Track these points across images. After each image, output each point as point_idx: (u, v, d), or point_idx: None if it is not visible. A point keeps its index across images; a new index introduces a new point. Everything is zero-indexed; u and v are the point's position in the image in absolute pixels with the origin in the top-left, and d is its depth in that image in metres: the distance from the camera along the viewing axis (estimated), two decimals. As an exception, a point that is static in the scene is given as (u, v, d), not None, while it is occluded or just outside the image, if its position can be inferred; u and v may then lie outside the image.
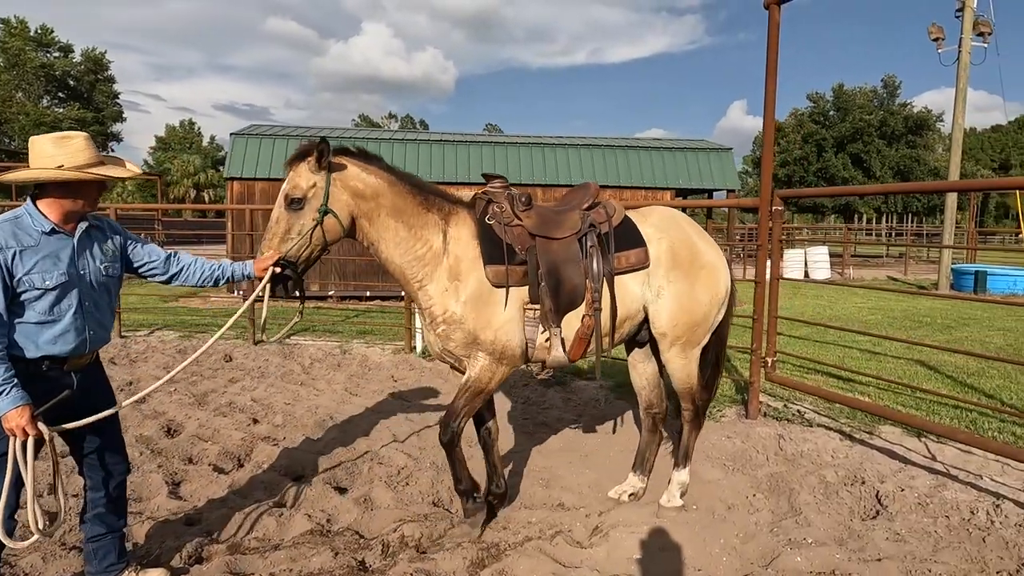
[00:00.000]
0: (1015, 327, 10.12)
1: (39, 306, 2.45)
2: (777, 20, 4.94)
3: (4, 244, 2.38)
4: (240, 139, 13.87)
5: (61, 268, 2.49)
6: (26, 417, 2.34)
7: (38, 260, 2.43)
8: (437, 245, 3.26)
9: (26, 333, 2.45)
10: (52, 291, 2.46)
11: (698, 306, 3.59)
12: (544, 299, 3.28)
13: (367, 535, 3.49)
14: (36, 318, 2.45)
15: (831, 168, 42.75)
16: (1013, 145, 63.13)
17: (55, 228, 2.50)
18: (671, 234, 3.61)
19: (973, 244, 22.30)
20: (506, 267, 3.22)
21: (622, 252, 3.46)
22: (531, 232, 3.33)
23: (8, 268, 2.38)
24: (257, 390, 6.22)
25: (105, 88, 55.73)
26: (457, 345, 3.29)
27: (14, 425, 2.33)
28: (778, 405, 5.67)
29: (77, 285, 2.55)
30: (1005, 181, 5.45)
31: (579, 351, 3.42)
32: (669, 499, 3.77)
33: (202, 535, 3.40)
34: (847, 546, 3.31)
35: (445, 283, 3.24)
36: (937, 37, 18.25)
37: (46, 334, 2.47)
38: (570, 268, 3.35)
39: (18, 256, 2.40)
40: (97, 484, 2.81)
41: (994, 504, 3.71)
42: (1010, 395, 6.11)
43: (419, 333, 8.07)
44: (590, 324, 3.37)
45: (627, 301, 3.50)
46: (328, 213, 3.04)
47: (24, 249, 2.41)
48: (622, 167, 14.80)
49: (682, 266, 3.57)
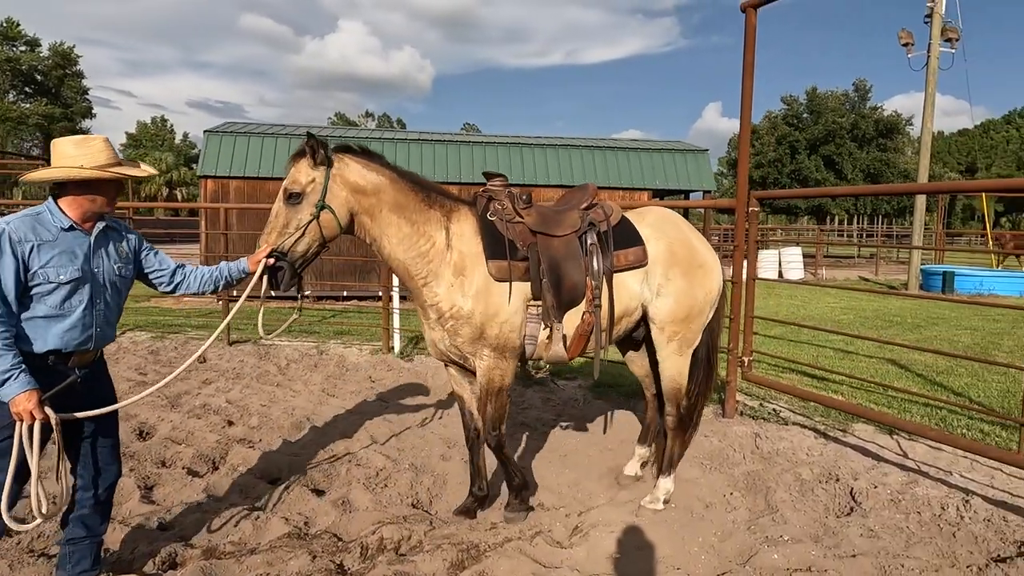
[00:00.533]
0: (982, 326, 10.37)
1: (51, 300, 2.52)
2: (754, 23, 5.00)
3: (23, 238, 2.46)
4: (214, 137, 13.66)
5: (76, 264, 2.56)
6: (34, 401, 2.40)
7: (54, 255, 2.51)
8: (440, 241, 3.31)
9: (35, 327, 2.51)
10: (65, 286, 2.53)
11: (695, 303, 3.71)
12: (546, 295, 3.36)
13: (345, 538, 3.45)
14: (46, 312, 2.52)
15: (804, 170, 43.38)
16: (979, 148, 64.73)
17: (73, 225, 2.58)
18: (669, 234, 3.72)
19: (941, 245, 22.80)
20: (508, 262, 3.29)
21: (621, 251, 3.55)
22: (532, 229, 3.41)
23: (25, 261, 2.45)
24: (232, 391, 6.13)
25: (74, 83, 54.60)
26: (464, 341, 3.34)
27: (22, 409, 2.39)
28: (754, 404, 5.74)
29: (90, 282, 2.62)
30: (972, 184, 5.57)
31: (578, 348, 3.51)
32: (652, 501, 3.80)
33: (176, 540, 3.33)
34: (823, 543, 3.36)
35: (451, 279, 3.29)
36: (907, 42, 18.65)
37: (55, 328, 2.54)
38: (571, 265, 3.43)
39: (35, 250, 2.47)
40: (87, 484, 2.81)
41: (963, 500, 3.79)
42: (978, 393, 6.25)
43: (396, 333, 8.02)
44: (590, 321, 3.45)
45: (625, 299, 3.59)
46: (325, 208, 3.08)
47: (42, 243, 2.49)
48: (600, 167, 14.86)
49: (680, 265, 3.67)
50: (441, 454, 4.58)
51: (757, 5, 4.96)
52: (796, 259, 21.33)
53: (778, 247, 21.62)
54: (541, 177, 14.55)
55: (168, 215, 50.93)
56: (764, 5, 4.95)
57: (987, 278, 16.33)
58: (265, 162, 13.47)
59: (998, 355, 8.06)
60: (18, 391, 2.38)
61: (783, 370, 7.09)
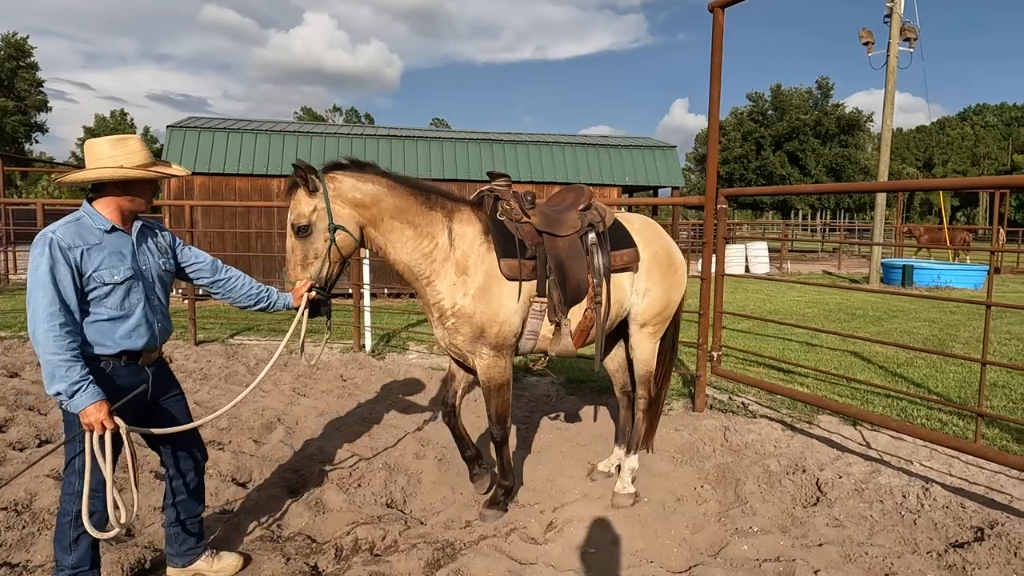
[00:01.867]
0: (940, 318, 10.70)
1: (110, 302, 2.57)
2: (721, 23, 5.06)
3: (72, 243, 2.47)
4: (177, 132, 13.36)
5: (126, 264, 2.61)
6: (104, 412, 2.43)
7: (104, 257, 2.55)
8: (443, 242, 3.38)
9: (102, 330, 2.56)
10: (120, 286, 2.58)
11: (671, 301, 4.03)
12: (553, 292, 3.52)
13: (320, 539, 3.43)
14: (109, 314, 2.56)
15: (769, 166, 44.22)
16: (936, 145, 66.63)
17: (115, 227, 2.61)
18: (654, 242, 3.98)
19: (901, 240, 23.43)
20: (519, 261, 3.42)
21: (617, 251, 3.77)
22: (538, 229, 3.54)
23: (78, 265, 2.47)
24: (199, 393, 6.02)
25: (28, 76, 52.79)
26: (464, 339, 3.44)
27: (93, 420, 2.41)
28: (723, 398, 5.84)
29: (141, 280, 2.68)
30: (926, 183, 5.73)
31: (579, 342, 3.69)
32: (623, 486, 3.87)
33: (144, 546, 3.27)
34: (790, 533, 3.44)
35: (453, 278, 3.38)
36: (867, 41, 19.09)
37: (121, 329, 2.60)
38: (575, 263, 3.60)
39: (86, 254, 2.50)
40: (176, 473, 2.97)
41: (924, 488, 3.92)
42: (936, 383, 6.46)
43: (368, 331, 7.97)
44: (591, 316, 3.65)
45: (619, 296, 3.81)
46: (338, 229, 3.13)
47: (90, 247, 2.52)
48: (569, 163, 14.92)
49: (661, 269, 3.96)
50: (415, 452, 4.57)
51: (724, 5, 5.03)
52: (762, 254, 21.74)
53: (744, 242, 21.99)
54: (512, 173, 14.51)
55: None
56: (732, 5, 5.02)
57: (944, 271, 16.87)
58: (230, 158, 13.22)
59: (955, 346, 8.33)
60: (88, 402, 2.40)
61: (750, 363, 7.23)
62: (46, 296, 2.39)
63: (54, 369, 2.38)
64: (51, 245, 2.43)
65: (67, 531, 2.66)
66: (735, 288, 15.18)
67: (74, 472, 2.62)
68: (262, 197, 13.13)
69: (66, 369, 2.38)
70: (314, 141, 14.08)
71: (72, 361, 2.39)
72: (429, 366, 7.05)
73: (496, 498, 3.73)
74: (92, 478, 2.50)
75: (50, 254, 2.42)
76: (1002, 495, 3.86)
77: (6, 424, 5.08)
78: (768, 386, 5.27)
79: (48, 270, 2.41)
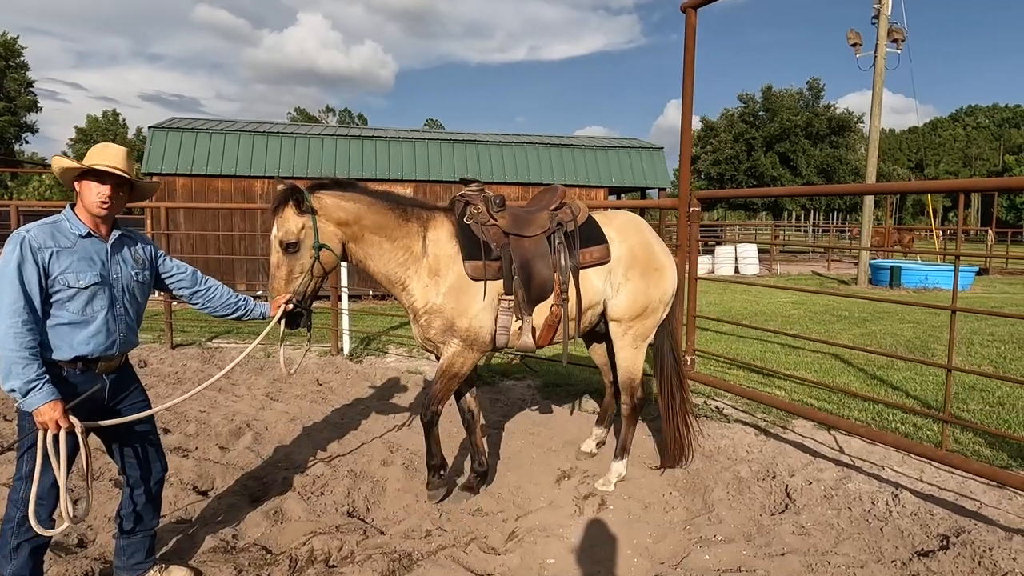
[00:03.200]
0: (924, 320, 10.69)
1: (72, 306, 2.58)
2: (693, 23, 5.02)
3: (43, 244, 2.53)
4: (159, 133, 13.25)
5: (95, 270, 2.64)
6: (59, 411, 2.45)
7: (73, 260, 2.58)
8: (417, 249, 3.61)
9: (60, 334, 2.57)
10: (85, 290, 2.60)
11: (649, 302, 4.03)
12: (517, 291, 3.66)
13: (275, 550, 3.36)
14: (69, 318, 2.58)
15: (760, 167, 44.27)
16: (927, 146, 66.90)
17: (90, 232, 2.66)
18: (632, 238, 4.02)
19: (889, 242, 23.47)
20: (483, 262, 3.59)
21: (586, 248, 3.85)
22: (505, 231, 3.70)
23: (45, 267, 2.52)
24: (171, 397, 5.94)
25: (17, 76, 52.41)
26: (436, 332, 3.65)
27: (47, 419, 2.43)
28: (698, 401, 5.79)
29: (109, 287, 2.69)
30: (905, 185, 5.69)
31: (547, 337, 3.83)
32: (605, 484, 4.06)
33: (94, 558, 3.19)
34: (754, 541, 3.39)
35: (426, 279, 3.60)
36: (855, 43, 19.12)
37: (80, 335, 2.60)
38: (540, 263, 3.73)
39: (55, 256, 2.54)
40: (136, 482, 2.95)
41: (893, 494, 3.87)
42: (915, 387, 6.43)
43: (346, 335, 7.89)
44: (558, 313, 3.77)
45: (590, 293, 3.89)
46: (323, 248, 3.33)
47: (61, 250, 2.57)
48: (556, 165, 14.88)
49: (639, 266, 3.98)
50: (382, 459, 4.51)
51: (697, 5, 4.99)
52: (752, 255, 21.76)
53: (735, 243, 21.99)
54: (498, 175, 14.49)
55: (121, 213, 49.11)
56: (704, 5, 4.98)
57: (932, 272, 16.89)
58: (213, 159, 13.12)
59: (937, 347, 8.31)
60: (42, 401, 2.42)
61: (730, 367, 7.18)
62: (11, 293, 2.43)
63: (11, 365, 2.40)
64: (23, 244, 2.49)
65: (8, 539, 2.62)
66: (723, 289, 15.16)
67: (22, 478, 2.59)
68: (245, 199, 13.04)
69: (23, 366, 2.40)
70: (298, 142, 13.99)
71: (30, 359, 2.41)
72: (407, 370, 6.98)
73: (434, 480, 3.89)
74: (43, 480, 2.48)
75: (20, 252, 2.47)
76: (971, 501, 3.82)
77: (-32, 431, 4.99)
78: (741, 391, 5.22)
79: (16, 267, 2.45)
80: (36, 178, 50.59)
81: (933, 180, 51.65)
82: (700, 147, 46.77)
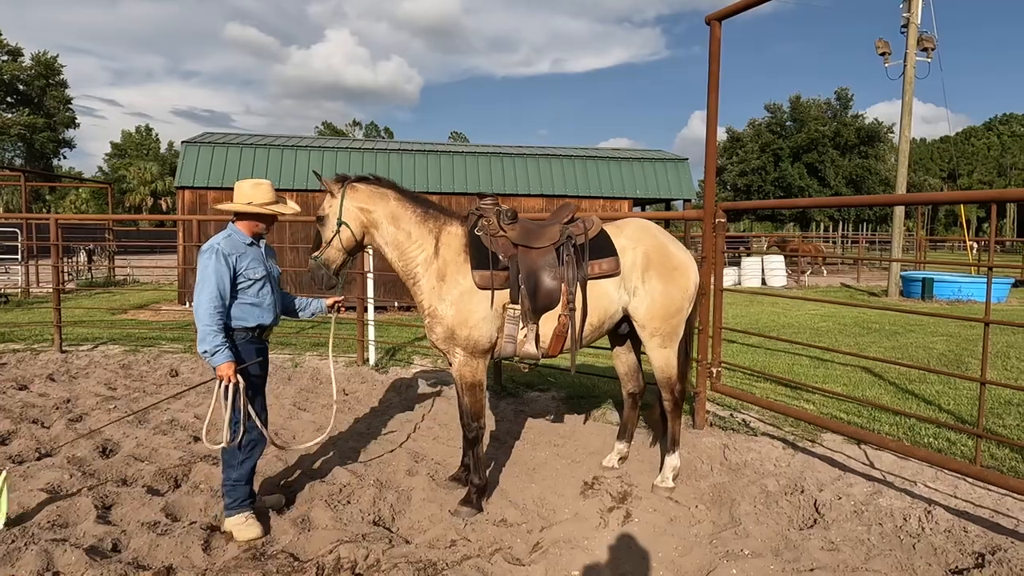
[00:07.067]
0: (957, 332, 10.45)
1: (251, 291, 3.60)
2: (718, 35, 5.03)
3: (230, 251, 3.53)
4: (192, 147, 13.57)
5: (262, 267, 3.65)
6: (232, 369, 3.43)
7: (248, 261, 3.59)
8: (430, 250, 3.86)
9: (246, 310, 3.60)
10: (258, 281, 3.62)
11: (672, 302, 4.10)
12: (523, 300, 3.81)
13: (303, 557, 3.40)
14: (251, 300, 3.61)
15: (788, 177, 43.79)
16: (960, 155, 65.52)
17: (252, 242, 3.67)
18: (645, 242, 4.11)
19: (922, 253, 22.99)
20: (491, 272, 3.77)
21: (595, 260, 3.97)
22: (514, 242, 3.87)
23: (234, 266, 3.52)
24: (202, 406, 6.05)
25: (57, 93, 54.18)
26: (438, 338, 3.87)
27: (223, 373, 3.42)
28: (725, 414, 5.73)
29: (270, 278, 3.71)
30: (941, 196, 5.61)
31: (557, 347, 3.94)
32: (663, 480, 4.19)
33: (128, 563, 3.26)
34: (782, 556, 3.34)
35: (433, 282, 3.83)
36: (884, 52, 18.87)
37: (258, 311, 3.64)
38: (546, 274, 3.88)
39: (239, 258, 3.56)
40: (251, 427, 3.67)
41: (926, 510, 3.79)
42: (948, 401, 6.28)
43: (372, 345, 7.97)
44: (565, 323, 3.88)
45: (604, 303, 4.00)
46: (343, 224, 3.78)
47: (241, 254, 3.57)
48: (580, 177, 14.90)
49: (656, 268, 4.07)
50: (407, 469, 4.54)
51: (722, 17, 5.00)
52: (779, 266, 21.48)
53: (761, 255, 21.73)
54: (522, 187, 14.56)
55: (154, 226, 50.39)
56: (729, 17, 4.98)
57: (966, 284, 16.47)
58: (243, 172, 13.40)
59: (971, 361, 8.12)
60: (222, 360, 3.40)
61: (757, 379, 7.10)
62: (211, 288, 3.42)
63: (206, 335, 3.39)
64: (217, 253, 3.46)
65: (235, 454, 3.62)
66: (751, 301, 14.99)
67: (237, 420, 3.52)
68: (275, 211, 13.26)
69: (213, 336, 3.39)
70: (326, 155, 14.22)
71: (218, 332, 3.41)
72: (431, 381, 7.02)
73: (469, 497, 3.93)
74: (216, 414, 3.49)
75: (216, 259, 3.45)
76: (1008, 519, 3.72)
77: (9, 437, 5.14)
78: (767, 404, 5.16)
79: (214, 269, 3.44)
80: (73, 192, 52.02)
81: (965, 190, 50.42)
82: (726, 158, 46.41)
